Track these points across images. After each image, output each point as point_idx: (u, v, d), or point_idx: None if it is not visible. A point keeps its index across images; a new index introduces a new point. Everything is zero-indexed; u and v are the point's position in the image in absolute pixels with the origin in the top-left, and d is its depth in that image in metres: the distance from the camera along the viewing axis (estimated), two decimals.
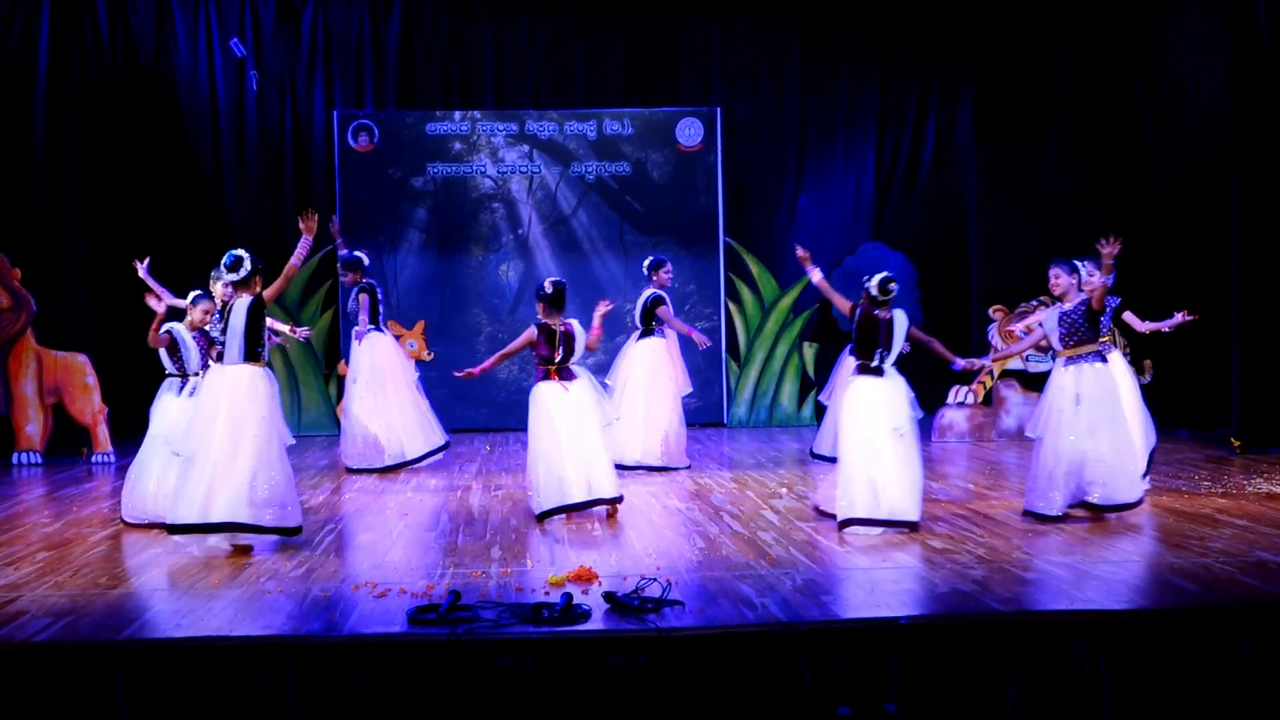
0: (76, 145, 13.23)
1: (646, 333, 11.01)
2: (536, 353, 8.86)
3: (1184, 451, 11.54)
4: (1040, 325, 8.72)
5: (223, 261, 7.63)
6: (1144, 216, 13.23)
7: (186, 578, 6.83)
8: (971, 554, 7.13)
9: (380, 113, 14.27)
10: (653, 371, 10.88)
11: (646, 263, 11.28)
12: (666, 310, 10.91)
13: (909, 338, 8.12)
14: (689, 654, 5.48)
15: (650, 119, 14.43)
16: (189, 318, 8.71)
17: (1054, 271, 8.60)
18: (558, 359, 8.86)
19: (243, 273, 7.58)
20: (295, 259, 7.70)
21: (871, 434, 7.87)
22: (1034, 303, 13.22)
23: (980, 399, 13.21)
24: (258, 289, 7.68)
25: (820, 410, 12.04)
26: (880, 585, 6.39)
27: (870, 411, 7.93)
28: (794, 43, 14.49)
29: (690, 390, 11.41)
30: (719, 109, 14.41)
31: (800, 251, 8.98)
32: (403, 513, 8.88)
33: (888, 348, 8.00)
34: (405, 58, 14.34)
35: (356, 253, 11.29)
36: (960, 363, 8.37)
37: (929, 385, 11.92)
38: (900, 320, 8.02)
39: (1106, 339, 8.85)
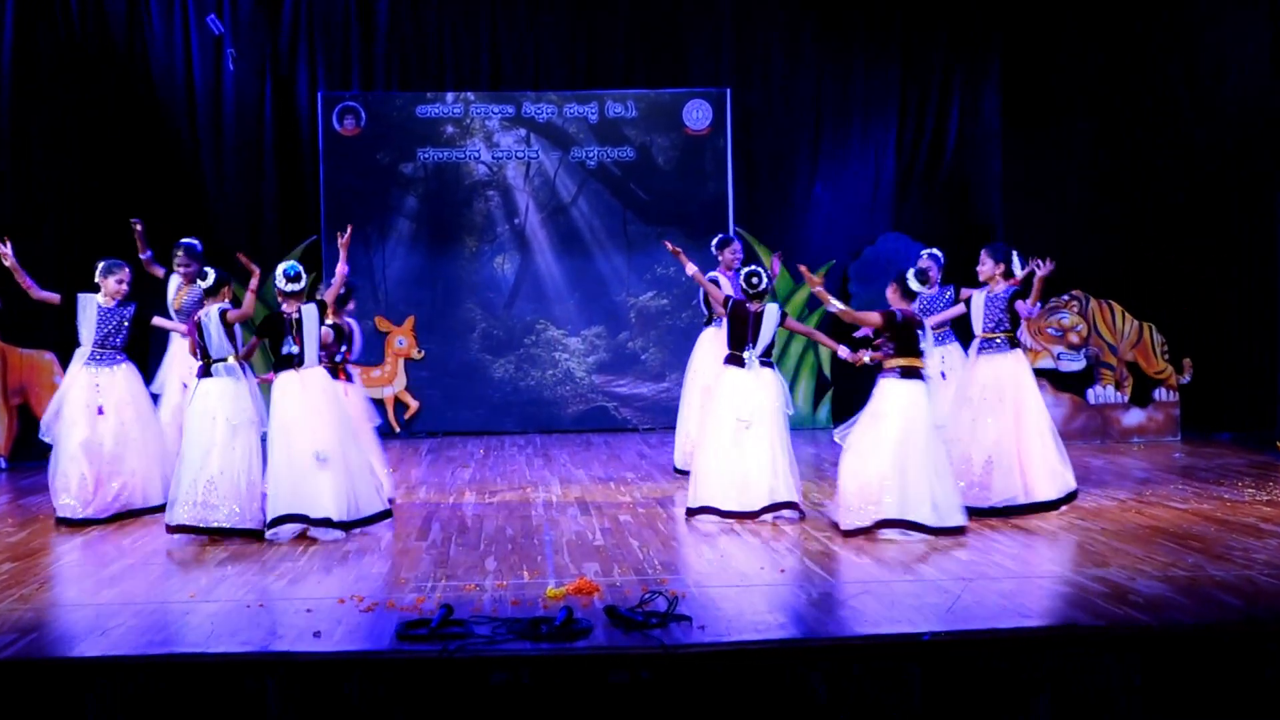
0: (43, 130, 13.22)
1: (710, 320, 10.57)
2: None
3: (1226, 456, 11.52)
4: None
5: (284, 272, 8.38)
6: (1181, 207, 13.19)
7: (161, 590, 6.83)
8: (999, 566, 7.12)
9: (367, 94, 14.27)
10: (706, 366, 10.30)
11: (714, 241, 10.84)
12: (715, 291, 9.97)
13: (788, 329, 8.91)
14: (697, 671, 5.47)
15: (656, 101, 14.42)
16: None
17: (982, 255, 9.23)
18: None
19: (302, 284, 8.41)
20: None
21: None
22: (1066, 297, 13.21)
23: None
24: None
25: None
26: (901, 599, 6.38)
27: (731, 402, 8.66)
28: (809, 19, 14.47)
29: None
30: (729, 90, 14.39)
31: (670, 246, 9.99)
32: (391, 522, 8.87)
33: (754, 341, 8.67)
34: (394, 35, 14.33)
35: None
36: (843, 351, 8.68)
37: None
38: (770, 313, 8.66)
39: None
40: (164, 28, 13.93)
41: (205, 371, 8.31)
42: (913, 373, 8.15)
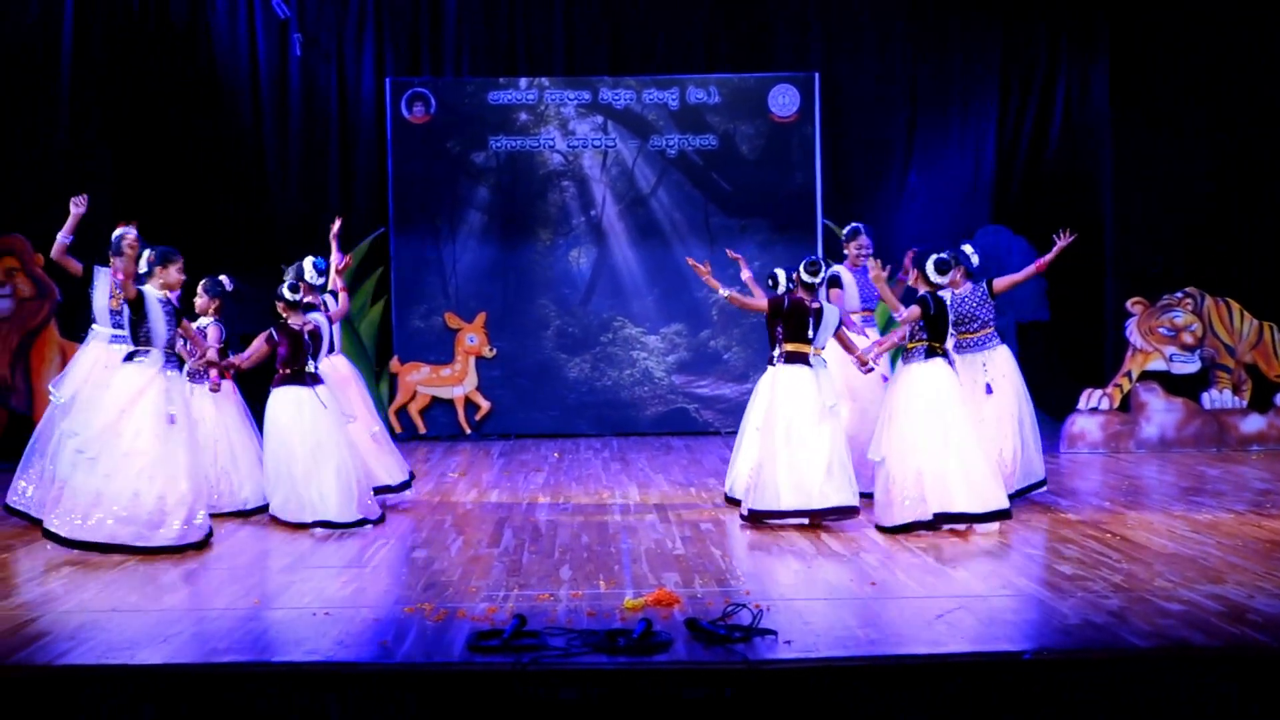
0: (103, 118, 13.47)
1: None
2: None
3: None
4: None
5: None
6: None
7: (223, 597, 6.93)
8: (1106, 581, 7.04)
9: (437, 80, 14.38)
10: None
11: (844, 232, 10.76)
12: (837, 294, 10.13)
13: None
14: (782, 688, 5.46)
15: (740, 86, 14.40)
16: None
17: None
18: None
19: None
20: None
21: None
22: (1179, 294, 13.03)
23: (1116, 404, 13.02)
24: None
25: None
26: (1000, 615, 6.33)
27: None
28: (904, 0, 14.38)
29: None
30: (817, 74, 14.34)
31: (692, 262, 10.13)
32: (461, 528, 8.94)
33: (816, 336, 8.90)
34: (465, 18, 14.43)
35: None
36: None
37: (1059, 389, 11.80)
38: (831, 311, 8.94)
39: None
40: (227, 8, 14.11)
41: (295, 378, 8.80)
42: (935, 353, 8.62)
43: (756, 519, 8.65)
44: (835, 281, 10.15)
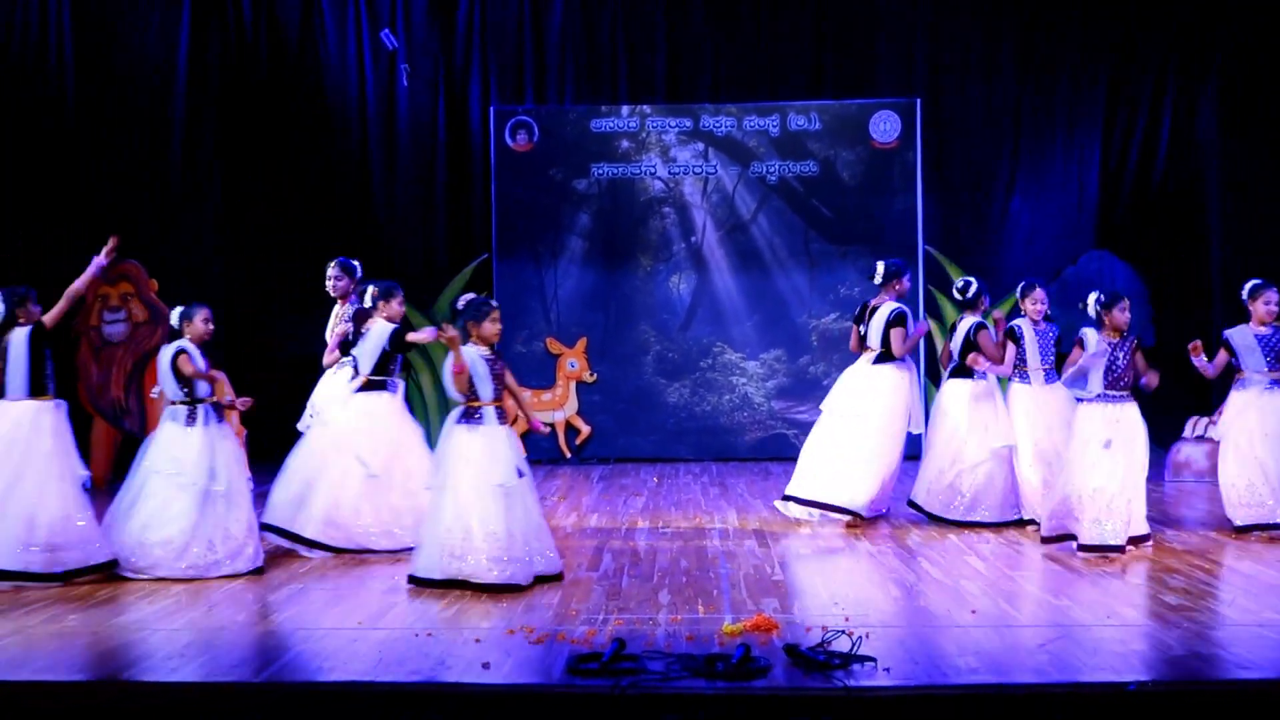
0: (216, 148, 13.78)
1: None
2: None
3: None
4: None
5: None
6: None
7: (329, 616, 7.02)
8: (1212, 611, 6.92)
9: (540, 108, 14.51)
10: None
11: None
12: (1013, 350, 9.89)
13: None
14: (882, 717, 5.43)
15: (841, 112, 14.38)
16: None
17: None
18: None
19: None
20: (79, 282, 8.54)
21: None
22: None
23: None
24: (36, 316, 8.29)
25: None
26: (1104, 644, 6.24)
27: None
28: (1007, 25, 14.28)
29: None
30: (919, 100, 14.27)
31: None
32: (561, 551, 8.97)
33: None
34: (568, 48, 14.55)
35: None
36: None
37: (1163, 416, 11.59)
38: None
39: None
40: (337, 40, 14.37)
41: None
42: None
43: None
44: (1013, 335, 9.93)
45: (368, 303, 9.11)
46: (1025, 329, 9.89)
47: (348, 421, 8.98)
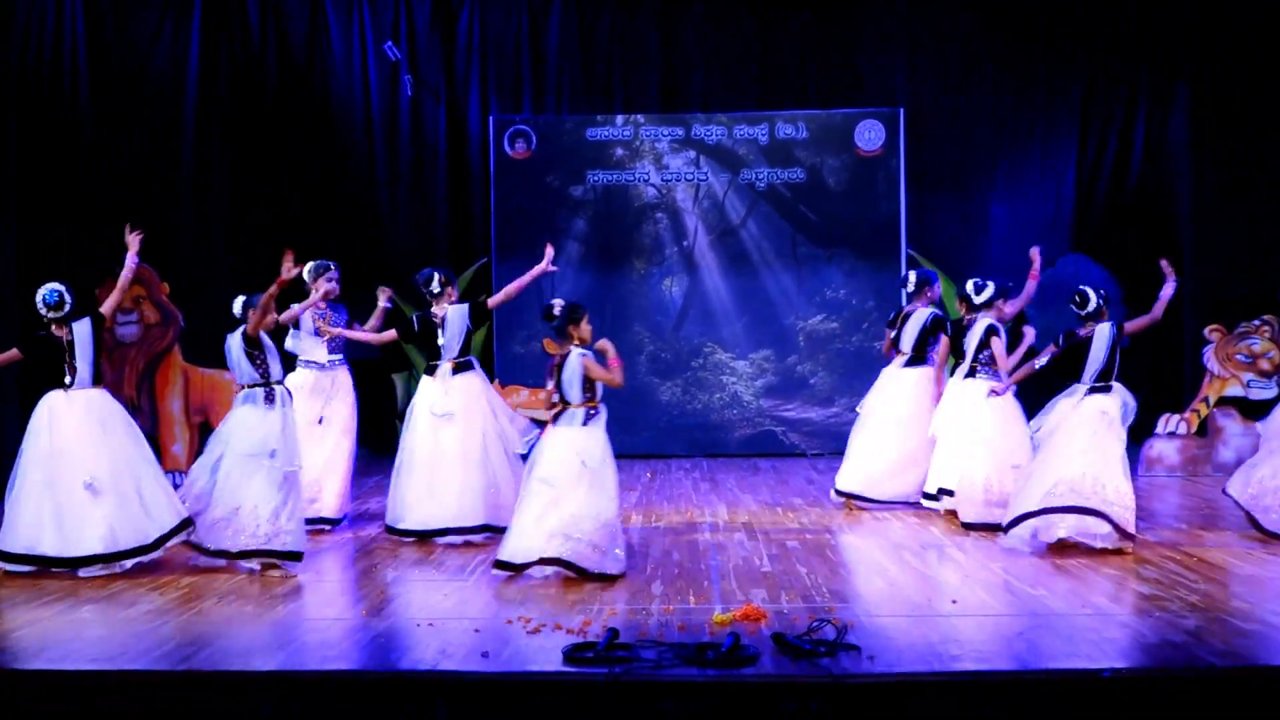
0: (225, 155, 13.75)
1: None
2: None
3: None
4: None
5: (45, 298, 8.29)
6: None
7: (334, 607, 7.02)
8: (1184, 601, 6.92)
9: (538, 118, 14.49)
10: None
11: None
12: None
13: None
14: (866, 703, 5.42)
15: (827, 121, 14.37)
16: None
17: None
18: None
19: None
20: (123, 277, 8.67)
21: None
22: (1256, 322, 12.81)
23: (1194, 429, 12.81)
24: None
25: None
26: (1080, 633, 6.24)
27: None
28: (987, 37, 14.25)
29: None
30: (902, 110, 14.26)
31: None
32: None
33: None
34: (565, 59, 14.52)
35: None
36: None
37: (1138, 414, 11.59)
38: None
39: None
40: (343, 52, 14.33)
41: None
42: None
43: None
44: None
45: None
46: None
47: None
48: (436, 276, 9.37)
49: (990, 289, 9.92)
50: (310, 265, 9.63)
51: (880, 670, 5.60)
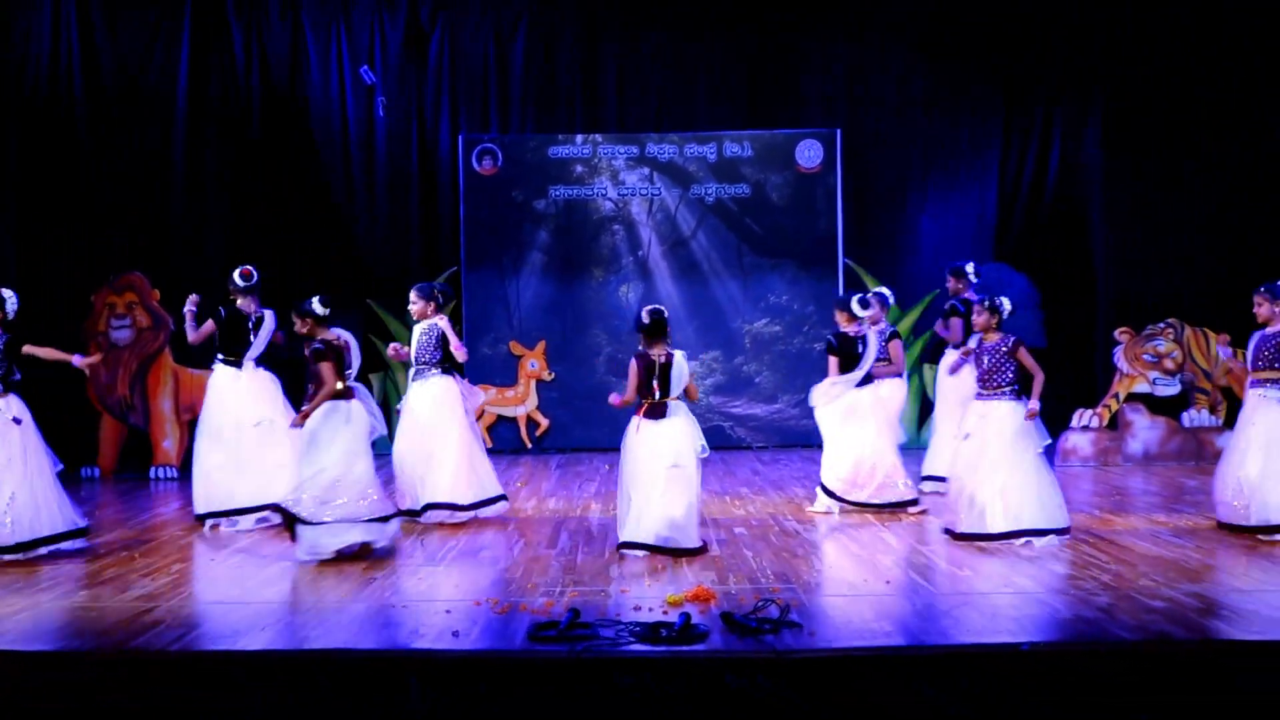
0: (214, 170, 13.67)
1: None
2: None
3: None
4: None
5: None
6: (1277, 239, 12.82)
7: (315, 591, 6.98)
8: (1096, 581, 6.98)
9: (504, 137, 14.46)
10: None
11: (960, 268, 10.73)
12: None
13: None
14: (807, 676, 5.44)
15: (770, 141, 14.41)
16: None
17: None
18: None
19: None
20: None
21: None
22: (1162, 324, 12.95)
23: (1105, 422, 12.94)
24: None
25: None
26: (1002, 611, 6.29)
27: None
28: (917, 63, 14.33)
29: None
30: (839, 130, 14.32)
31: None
32: (523, 531, 8.96)
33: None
34: (529, 82, 14.50)
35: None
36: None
37: (1053, 408, 11.71)
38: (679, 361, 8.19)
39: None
40: (321, 77, 14.25)
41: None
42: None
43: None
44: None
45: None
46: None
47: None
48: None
49: (874, 306, 9.81)
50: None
51: (820, 645, 5.62)
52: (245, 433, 9.20)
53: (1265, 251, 12.73)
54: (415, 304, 9.47)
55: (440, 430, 9.16)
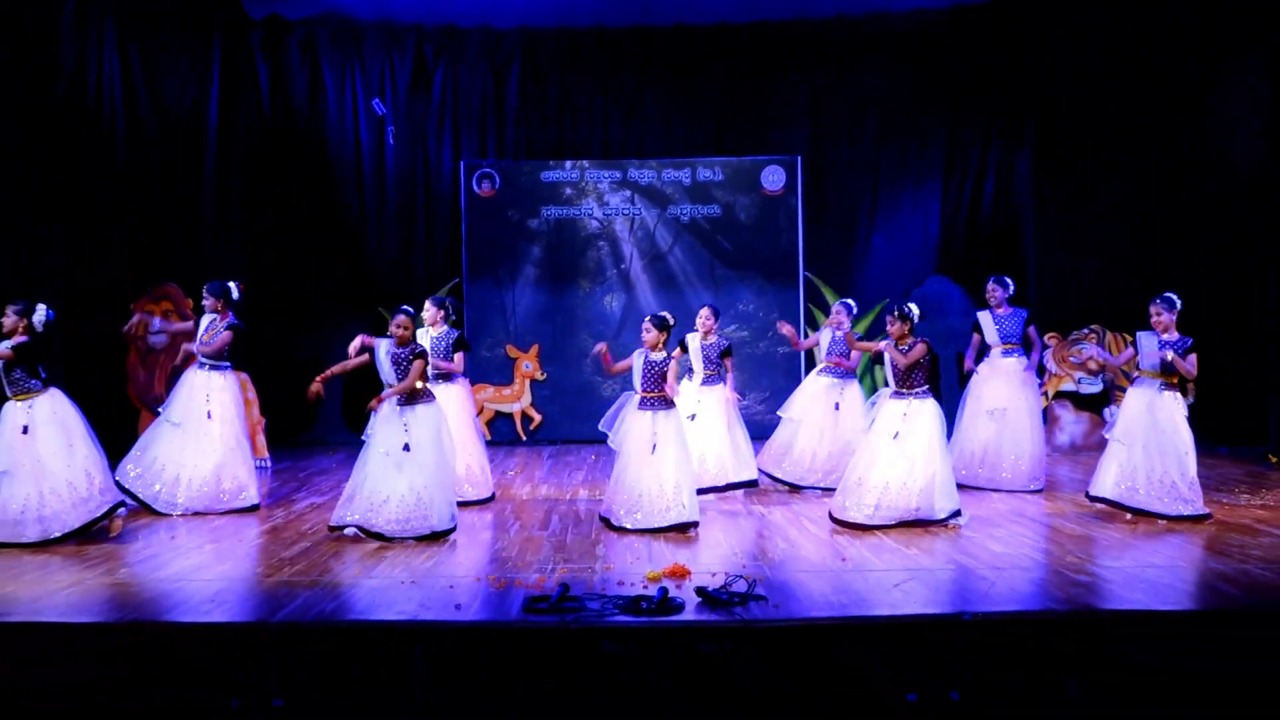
0: (241, 191, 13.61)
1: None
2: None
3: (1225, 467, 11.22)
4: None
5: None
6: (1189, 254, 12.90)
7: (332, 568, 6.95)
8: (1029, 557, 7.01)
9: (501, 162, 14.44)
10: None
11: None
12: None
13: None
14: (772, 643, 5.45)
15: (738, 166, 14.42)
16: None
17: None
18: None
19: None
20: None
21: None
22: (1085, 330, 13.01)
23: None
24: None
25: None
26: (945, 584, 6.31)
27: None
28: (869, 100, 14.35)
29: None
30: (799, 157, 14.34)
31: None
32: (518, 515, 8.94)
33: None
34: (523, 114, 14.49)
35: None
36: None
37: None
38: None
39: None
40: (337, 110, 14.21)
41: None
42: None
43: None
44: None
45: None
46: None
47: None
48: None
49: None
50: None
51: (783, 616, 5.63)
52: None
53: (1174, 266, 12.83)
54: (428, 312, 9.46)
55: (457, 433, 9.00)
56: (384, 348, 7.92)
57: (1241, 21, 12.56)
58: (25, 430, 7.75)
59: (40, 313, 8.01)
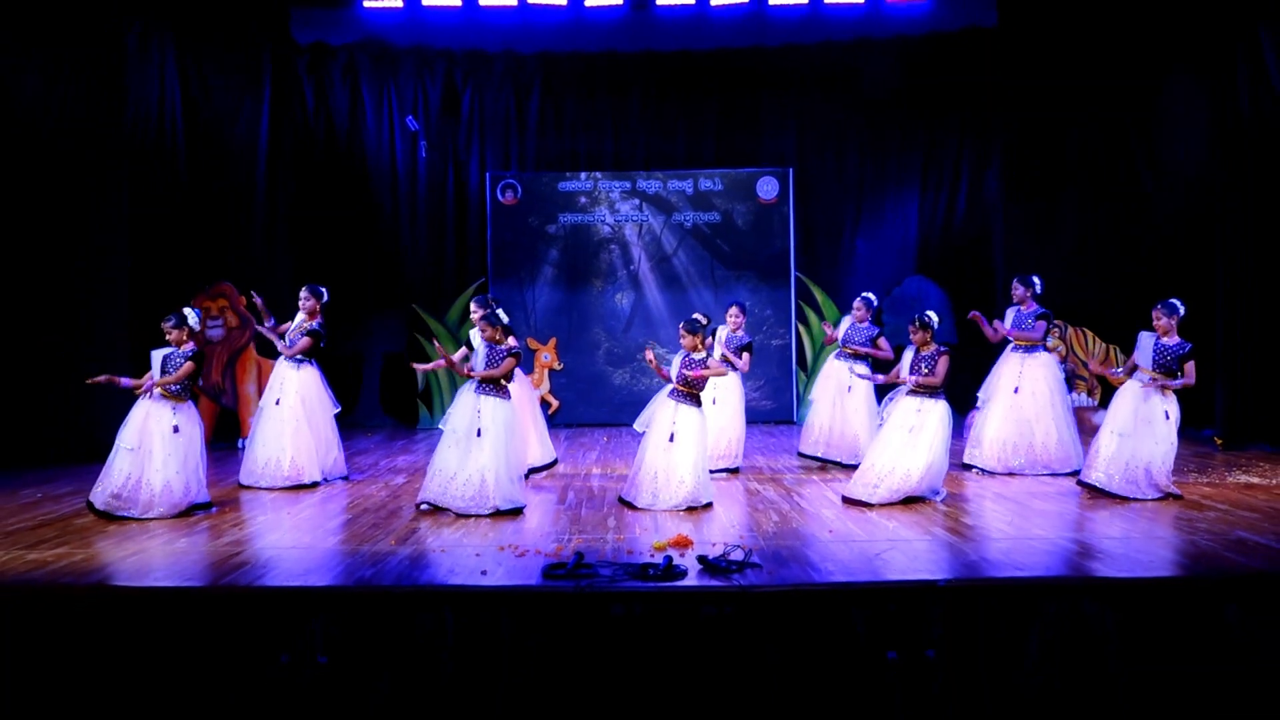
0: (288, 201, 13.59)
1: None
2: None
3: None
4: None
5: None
6: (1140, 257, 12.85)
7: (370, 537, 6.95)
8: (998, 529, 6.98)
9: (523, 173, 14.41)
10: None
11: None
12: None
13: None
14: (766, 607, 5.44)
15: (736, 177, 14.38)
16: None
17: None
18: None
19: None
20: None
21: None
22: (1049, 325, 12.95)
23: None
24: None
25: None
26: (922, 554, 6.29)
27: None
28: (856, 117, 14.29)
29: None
30: (792, 169, 14.30)
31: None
32: (538, 490, 8.93)
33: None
34: (542, 130, 14.46)
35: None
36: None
37: (963, 392, 11.72)
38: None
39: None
40: (375, 126, 14.20)
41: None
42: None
43: None
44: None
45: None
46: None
47: None
48: None
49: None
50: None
51: (776, 582, 5.61)
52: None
53: (1129, 267, 12.80)
54: (476, 313, 9.18)
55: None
56: (478, 338, 8.12)
57: (1182, 40, 12.48)
58: (176, 430, 7.74)
59: (191, 318, 7.97)
